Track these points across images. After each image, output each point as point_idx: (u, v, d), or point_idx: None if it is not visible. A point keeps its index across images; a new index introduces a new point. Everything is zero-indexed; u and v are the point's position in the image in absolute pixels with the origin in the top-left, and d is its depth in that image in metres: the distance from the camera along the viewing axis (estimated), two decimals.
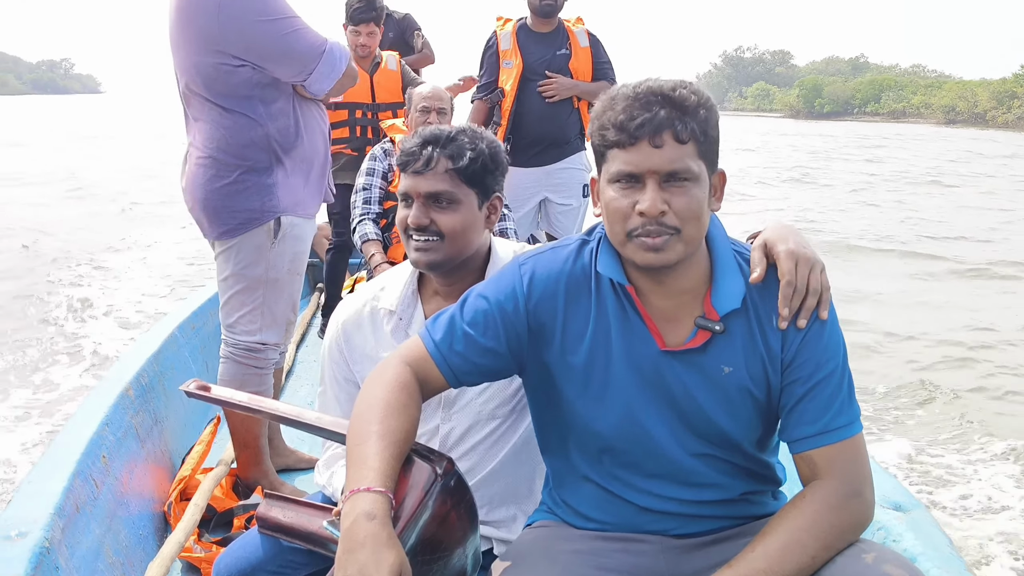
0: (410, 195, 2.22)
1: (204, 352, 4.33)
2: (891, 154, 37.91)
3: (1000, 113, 77.89)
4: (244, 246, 3.16)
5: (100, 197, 19.22)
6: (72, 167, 25.11)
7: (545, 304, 1.88)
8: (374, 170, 4.50)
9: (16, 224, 15.21)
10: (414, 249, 2.21)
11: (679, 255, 1.74)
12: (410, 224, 2.20)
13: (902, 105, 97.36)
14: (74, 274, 11.41)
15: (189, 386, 2.09)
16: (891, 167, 30.78)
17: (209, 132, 3.09)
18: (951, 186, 24.65)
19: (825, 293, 1.80)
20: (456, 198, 2.20)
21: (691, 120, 1.70)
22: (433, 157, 2.19)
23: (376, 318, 2.31)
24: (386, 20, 6.98)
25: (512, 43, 5.39)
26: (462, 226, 2.20)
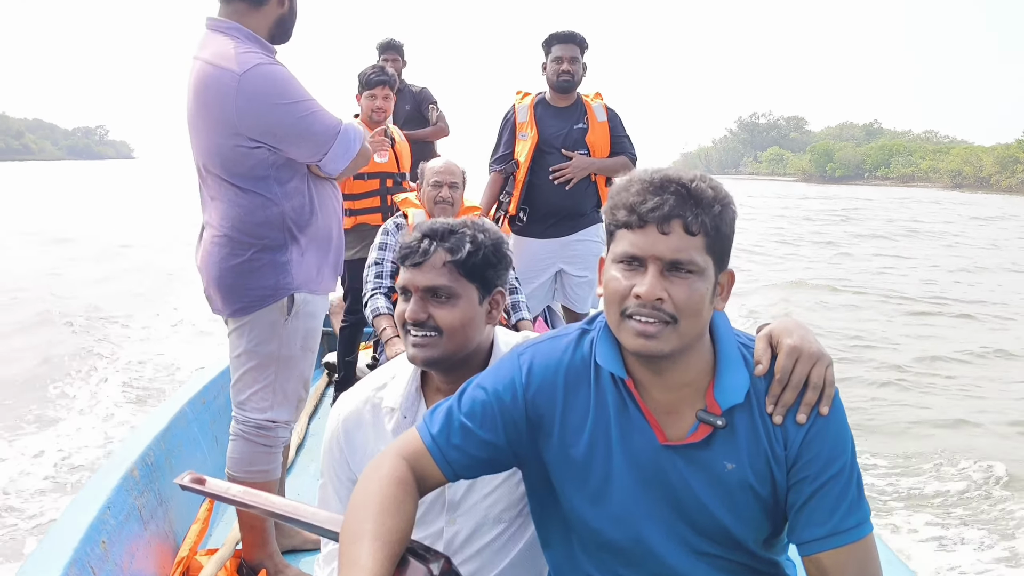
0: (408, 288, 2.15)
1: (214, 427, 4.23)
2: (874, 214, 40.82)
3: (1004, 177, 79.57)
4: (257, 323, 3.12)
5: (131, 260, 19.23)
6: (104, 232, 25.19)
7: (544, 395, 1.82)
8: (386, 244, 4.42)
9: (42, 287, 15.25)
10: (411, 345, 2.12)
11: (672, 347, 1.66)
12: (407, 319, 2.12)
13: (911, 170, 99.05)
14: (94, 338, 11.35)
15: (184, 479, 2.02)
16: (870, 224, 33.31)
17: (224, 211, 3.06)
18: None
19: (828, 388, 1.72)
20: (455, 292, 2.12)
21: (704, 213, 1.65)
22: (431, 250, 2.12)
23: (378, 415, 2.22)
24: (403, 93, 7.04)
25: (529, 116, 5.39)
26: (461, 321, 2.12)
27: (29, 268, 17.74)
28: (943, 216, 41.32)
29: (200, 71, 2.99)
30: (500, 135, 5.52)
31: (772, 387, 1.72)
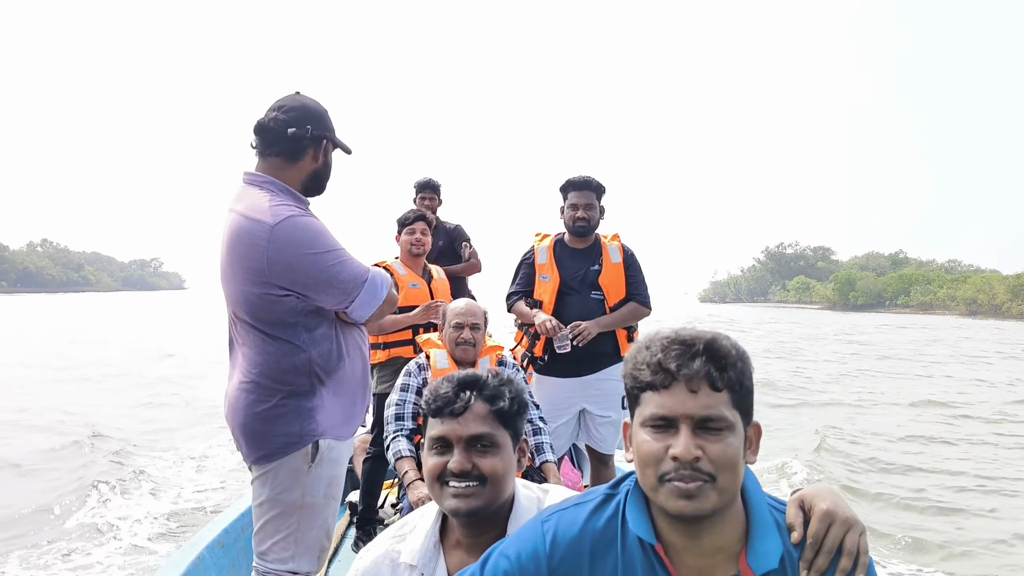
0: (448, 439, 2.11)
1: (232, 571, 4.11)
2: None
3: (1015, 305, 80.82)
4: (281, 471, 3.04)
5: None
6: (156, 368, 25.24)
7: (569, 564, 1.74)
8: (408, 385, 4.35)
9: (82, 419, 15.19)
10: (452, 496, 2.07)
11: (713, 504, 1.61)
12: (453, 470, 2.07)
13: (929, 298, 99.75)
14: (129, 471, 11.25)
15: None
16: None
17: (252, 358, 3.05)
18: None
19: (863, 556, 1.66)
20: (496, 441, 2.11)
21: (727, 369, 1.64)
22: (471, 400, 2.10)
23: (396, 572, 2.14)
24: (438, 229, 7.13)
25: (549, 258, 5.40)
26: (503, 470, 2.11)
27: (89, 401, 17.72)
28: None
29: (234, 223, 3.02)
30: (517, 272, 5.53)
31: (805, 552, 1.66)
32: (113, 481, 10.63)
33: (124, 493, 10.13)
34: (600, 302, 5.27)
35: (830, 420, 15.56)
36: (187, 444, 13.53)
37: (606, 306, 5.26)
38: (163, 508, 9.51)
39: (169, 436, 14.20)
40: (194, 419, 15.93)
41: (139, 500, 9.91)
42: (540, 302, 5.34)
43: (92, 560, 7.85)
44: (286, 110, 3.13)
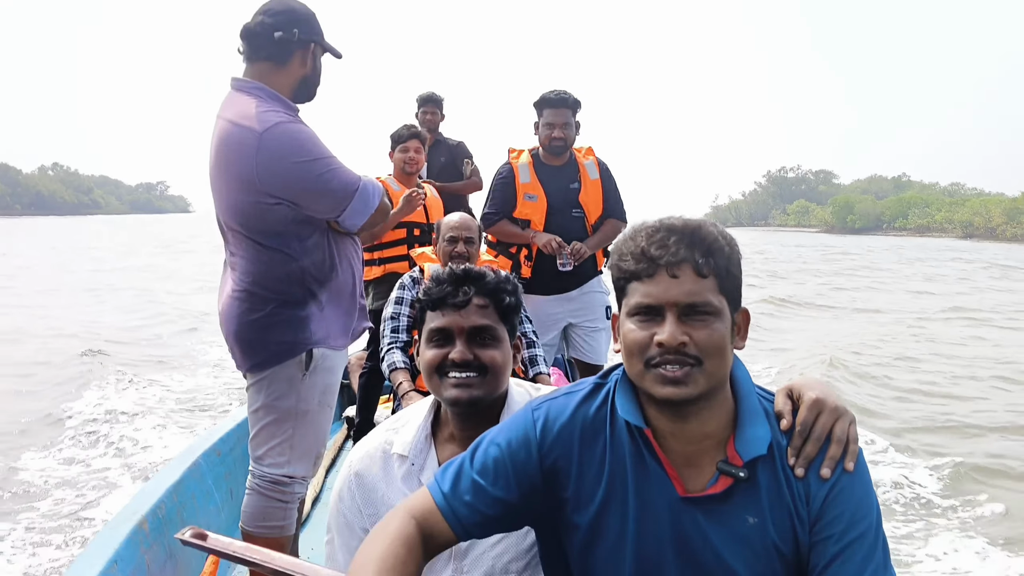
0: (450, 330, 2.11)
1: (229, 479, 4.10)
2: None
3: (1010, 228, 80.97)
4: (276, 378, 3.03)
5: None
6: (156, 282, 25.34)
7: (559, 450, 1.72)
8: (402, 299, 4.29)
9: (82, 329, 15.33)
10: (453, 385, 2.07)
11: (700, 389, 1.58)
12: (455, 360, 2.07)
13: (926, 221, 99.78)
14: (126, 380, 11.33)
15: (185, 534, 1.91)
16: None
17: (245, 267, 3.01)
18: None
19: (852, 445, 1.64)
20: (496, 334, 2.12)
21: (712, 255, 1.60)
22: (473, 293, 2.11)
23: (388, 463, 2.14)
24: (440, 145, 7.00)
25: (532, 177, 5.22)
26: (503, 362, 2.10)
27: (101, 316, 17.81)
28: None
29: (223, 130, 2.97)
30: (492, 190, 5.34)
31: (793, 439, 1.63)
32: (115, 381, 10.72)
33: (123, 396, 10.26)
34: (580, 219, 5.19)
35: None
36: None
37: (586, 223, 5.19)
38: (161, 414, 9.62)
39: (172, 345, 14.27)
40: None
41: (139, 402, 10.03)
42: (527, 222, 5.20)
43: (88, 455, 7.98)
44: (272, 13, 3.03)
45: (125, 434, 8.79)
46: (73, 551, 5.85)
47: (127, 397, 10.43)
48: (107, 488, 7.18)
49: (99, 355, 12.94)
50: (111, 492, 7.04)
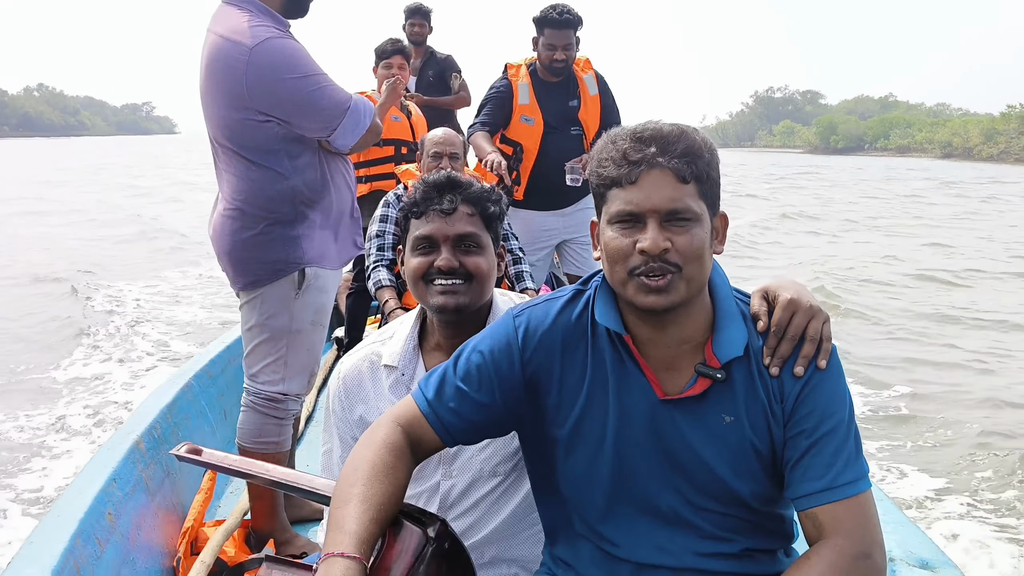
0: (435, 238, 2.09)
1: (222, 400, 4.12)
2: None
3: (986, 148, 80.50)
4: (269, 297, 3.02)
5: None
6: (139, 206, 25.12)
7: (541, 356, 1.73)
8: (388, 216, 4.27)
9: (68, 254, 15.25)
10: (439, 292, 2.06)
11: (682, 296, 1.59)
12: (440, 267, 2.06)
13: (907, 141, 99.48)
14: (114, 301, 11.33)
15: (180, 450, 1.93)
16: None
17: (236, 184, 2.97)
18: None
19: (825, 343, 1.65)
20: (481, 242, 2.10)
21: (692, 161, 1.58)
22: (458, 200, 2.09)
23: (376, 372, 2.16)
24: (428, 59, 6.80)
25: (531, 98, 5.04)
26: (487, 269, 2.10)
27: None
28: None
29: (213, 44, 2.90)
30: (487, 103, 5.12)
31: (768, 339, 1.65)
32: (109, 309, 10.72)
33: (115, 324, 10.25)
34: (579, 137, 5.08)
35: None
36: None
37: (584, 141, 5.08)
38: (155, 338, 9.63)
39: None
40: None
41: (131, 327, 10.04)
42: (519, 144, 5.06)
43: (88, 372, 8.04)
44: None
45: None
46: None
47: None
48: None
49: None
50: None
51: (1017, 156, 74.70)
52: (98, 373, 8.35)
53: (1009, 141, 78.10)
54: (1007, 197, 33.23)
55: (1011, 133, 78.40)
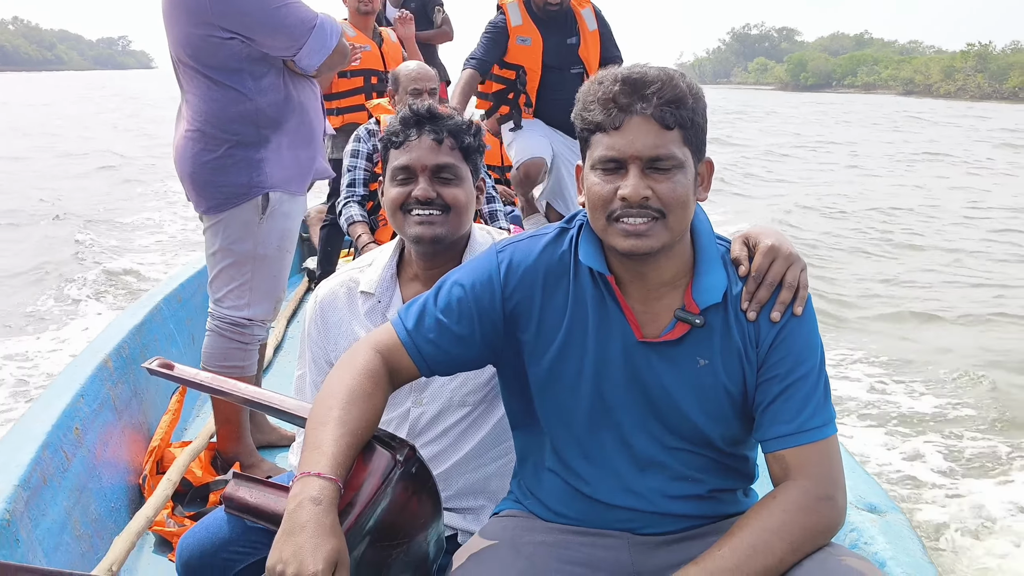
0: (413, 168, 2.05)
1: (190, 325, 4.08)
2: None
3: (944, 85, 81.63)
4: (232, 221, 2.95)
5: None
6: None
7: (522, 292, 1.71)
8: (359, 151, 4.17)
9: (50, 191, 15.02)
10: (416, 223, 2.02)
11: (662, 241, 1.57)
12: (417, 197, 2.02)
13: (873, 78, 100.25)
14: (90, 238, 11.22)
15: (152, 363, 1.91)
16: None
17: (198, 105, 2.89)
18: None
19: (802, 290, 1.66)
20: (460, 173, 2.06)
21: (677, 106, 1.55)
22: (437, 132, 2.04)
23: (353, 298, 2.13)
24: None
25: (524, 17, 4.77)
26: (465, 201, 2.06)
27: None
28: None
29: None
30: (483, 38, 4.93)
31: (748, 284, 1.65)
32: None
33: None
34: (580, 76, 4.86)
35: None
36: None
37: (585, 79, 4.82)
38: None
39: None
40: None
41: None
42: (520, 68, 4.82)
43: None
44: None
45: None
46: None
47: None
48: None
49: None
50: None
51: (972, 93, 75.87)
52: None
53: (966, 79, 79.17)
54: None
55: (968, 71, 79.50)
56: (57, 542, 2.33)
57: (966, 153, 25.40)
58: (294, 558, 1.35)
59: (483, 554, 1.70)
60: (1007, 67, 76.93)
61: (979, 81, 77.92)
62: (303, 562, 1.34)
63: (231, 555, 1.91)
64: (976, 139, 30.13)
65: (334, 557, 1.36)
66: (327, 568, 1.35)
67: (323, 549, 1.35)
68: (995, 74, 77.64)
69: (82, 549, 2.48)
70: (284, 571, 1.35)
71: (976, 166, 22.39)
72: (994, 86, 75.95)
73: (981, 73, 78.71)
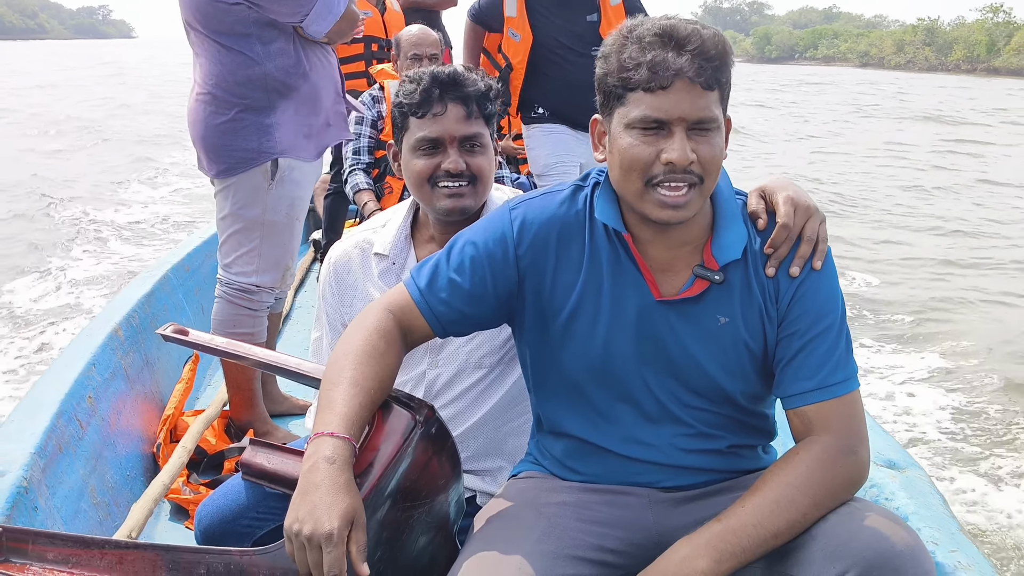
0: (441, 140, 1.93)
1: (199, 294, 4.02)
2: None
3: (895, 58, 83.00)
4: (241, 186, 2.90)
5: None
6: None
7: (536, 250, 1.65)
8: (363, 118, 4.07)
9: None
10: (446, 195, 1.93)
11: (696, 209, 1.53)
12: (449, 170, 1.92)
13: (833, 51, 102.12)
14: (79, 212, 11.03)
15: (166, 329, 1.86)
16: None
17: (208, 68, 2.85)
18: None
19: (821, 244, 1.60)
20: (485, 141, 1.97)
21: (720, 66, 1.49)
22: (464, 100, 1.92)
23: (366, 259, 2.06)
24: None
25: (520, 9, 4.04)
26: (490, 168, 1.97)
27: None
28: None
29: None
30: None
31: (776, 233, 1.58)
32: None
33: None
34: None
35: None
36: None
37: None
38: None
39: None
40: None
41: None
42: (507, 68, 4.15)
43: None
44: None
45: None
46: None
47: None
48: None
49: None
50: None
51: (920, 65, 77.25)
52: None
53: (915, 51, 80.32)
54: None
55: (917, 44, 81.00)
56: (75, 509, 2.29)
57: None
58: (309, 517, 1.32)
59: (504, 517, 1.66)
60: (952, 41, 78.39)
61: (927, 54, 79.54)
62: (318, 520, 1.31)
63: (251, 521, 1.89)
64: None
65: (350, 514, 1.33)
66: (343, 525, 1.32)
67: (338, 507, 1.32)
68: (941, 48, 79.46)
69: (100, 516, 2.44)
70: (300, 530, 1.32)
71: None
72: (940, 59, 77.63)
73: (929, 46, 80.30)
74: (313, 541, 1.31)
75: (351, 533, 1.33)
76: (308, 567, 1.33)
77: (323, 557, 1.31)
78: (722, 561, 1.43)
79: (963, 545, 1.79)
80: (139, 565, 1.42)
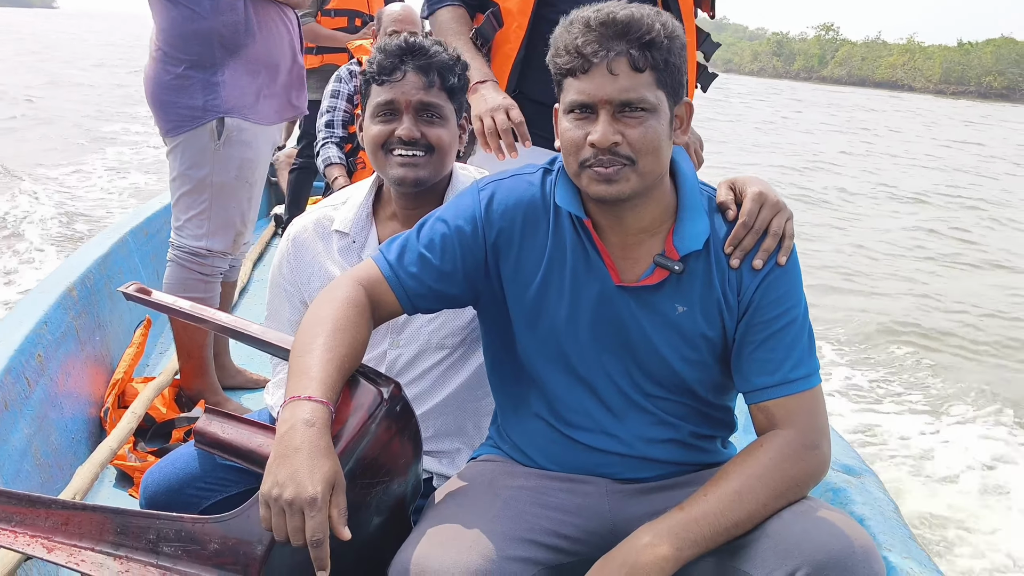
0: (397, 105, 1.93)
1: (156, 260, 3.95)
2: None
3: (750, 65, 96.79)
4: (189, 146, 2.90)
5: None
6: None
7: (502, 230, 1.67)
8: (339, 92, 4.06)
9: None
10: (399, 164, 1.92)
11: (633, 188, 1.54)
12: (401, 137, 1.91)
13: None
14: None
15: (129, 288, 1.85)
16: None
17: (159, 24, 2.86)
18: None
19: (787, 240, 1.63)
20: (445, 113, 1.95)
21: (650, 48, 1.50)
22: (425, 68, 1.91)
23: (327, 235, 2.04)
24: None
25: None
26: (449, 142, 1.96)
27: None
28: None
29: None
30: None
31: (736, 229, 1.61)
32: None
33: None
34: None
35: None
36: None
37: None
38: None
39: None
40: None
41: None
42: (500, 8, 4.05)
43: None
44: None
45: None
46: None
47: None
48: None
49: None
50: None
51: (769, 73, 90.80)
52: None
53: (766, 60, 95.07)
54: None
55: (768, 54, 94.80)
56: (17, 468, 2.25)
57: None
58: (291, 481, 1.31)
59: (460, 495, 1.67)
60: (795, 53, 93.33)
61: (775, 63, 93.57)
62: (301, 484, 1.30)
63: (197, 491, 1.87)
64: None
65: (332, 478, 1.33)
66: (326, 489, 1.31)
67: (320, 471, 1.32)
68: (787, 58, 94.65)
69: (42, 478, 2.41)
70: (280, 495, 1.31)
71: None
72: (786, 68, 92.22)
73: (777, 56, 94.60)
74: (295, 506, 1.30)
75: (332, 497, 1.32)
76: (286, 533, 1.32)
77: (305, 522, 1.30)
78: (683, 548, 1.45)
79: (914, 552, 1.84)
80: (86, 527, 1.40)
